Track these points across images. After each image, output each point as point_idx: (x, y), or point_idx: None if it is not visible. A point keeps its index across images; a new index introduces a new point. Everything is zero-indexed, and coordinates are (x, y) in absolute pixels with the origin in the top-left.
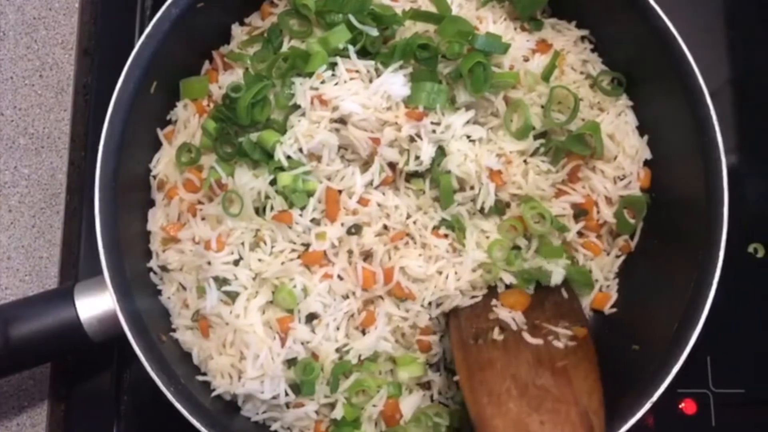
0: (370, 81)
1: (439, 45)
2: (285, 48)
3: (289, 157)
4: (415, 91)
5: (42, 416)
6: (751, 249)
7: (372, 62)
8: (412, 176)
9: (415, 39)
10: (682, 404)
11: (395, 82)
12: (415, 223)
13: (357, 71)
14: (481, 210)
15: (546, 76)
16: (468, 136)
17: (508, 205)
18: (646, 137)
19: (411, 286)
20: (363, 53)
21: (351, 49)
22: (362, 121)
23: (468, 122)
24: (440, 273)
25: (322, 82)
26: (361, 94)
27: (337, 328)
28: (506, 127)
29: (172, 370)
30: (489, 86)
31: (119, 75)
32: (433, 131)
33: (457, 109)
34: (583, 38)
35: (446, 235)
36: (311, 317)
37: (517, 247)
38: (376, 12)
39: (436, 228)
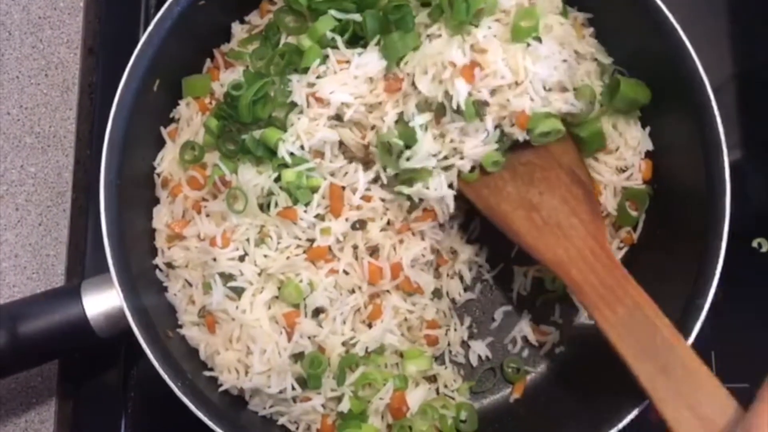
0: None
1: None
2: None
3: (292, 154)
4: (385, 51)
5: (50, 413)
6: (755, 244)
7: (359, 49)
8: None
9: (387, 5)
10: None
11: (370, 60)
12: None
13: (347, 61)
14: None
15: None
16: None
17: (486, 103)
18: (648, 128)
19: (419, 280)
20: (356, 40)
21: (338, 39)
22: (356, 114)
23: None
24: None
25: (318, 77)
26: (349, 84)
27: (344, 322)
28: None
29: (179, 365)
30: (472, 14)
31: (124, 73)
32: None
33: None
34: (585, 26)
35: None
36: (317, 312)
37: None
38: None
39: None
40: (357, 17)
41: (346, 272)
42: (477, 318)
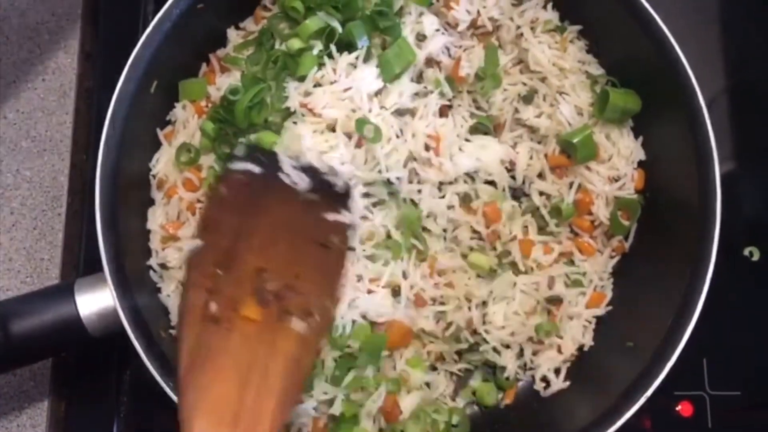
0: None
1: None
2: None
3: None
4: (382, 68)
5: (42, 417)
6: (746, 252)
7: (351, 58)
8: None
9: (371, 10)
10: (679, 406)
11: (365, 77)
12: None
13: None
14: None
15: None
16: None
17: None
18: (640, 138)
19: None
20: (346, 47)
21: (333, 48)
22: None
23: None
24: None
25: (315, 86)
26: (345, 100)
27: None
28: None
29: (171, 365)
30: None
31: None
32: None
33: None
34: (578, 38)
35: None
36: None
37: None
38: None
39: None
40: (334, 23)
41: None
42: None
